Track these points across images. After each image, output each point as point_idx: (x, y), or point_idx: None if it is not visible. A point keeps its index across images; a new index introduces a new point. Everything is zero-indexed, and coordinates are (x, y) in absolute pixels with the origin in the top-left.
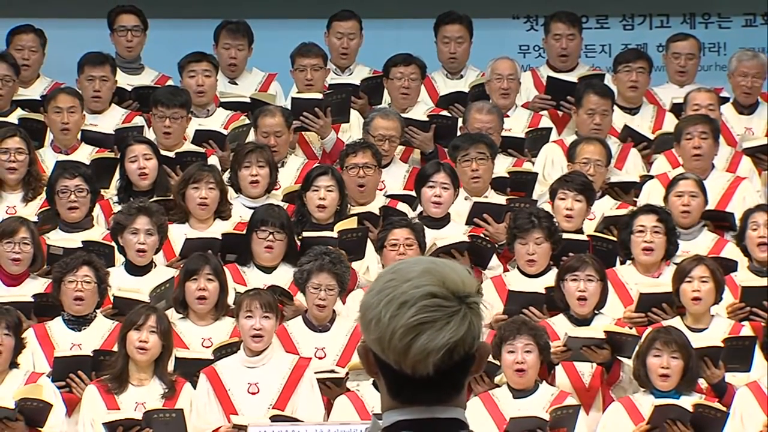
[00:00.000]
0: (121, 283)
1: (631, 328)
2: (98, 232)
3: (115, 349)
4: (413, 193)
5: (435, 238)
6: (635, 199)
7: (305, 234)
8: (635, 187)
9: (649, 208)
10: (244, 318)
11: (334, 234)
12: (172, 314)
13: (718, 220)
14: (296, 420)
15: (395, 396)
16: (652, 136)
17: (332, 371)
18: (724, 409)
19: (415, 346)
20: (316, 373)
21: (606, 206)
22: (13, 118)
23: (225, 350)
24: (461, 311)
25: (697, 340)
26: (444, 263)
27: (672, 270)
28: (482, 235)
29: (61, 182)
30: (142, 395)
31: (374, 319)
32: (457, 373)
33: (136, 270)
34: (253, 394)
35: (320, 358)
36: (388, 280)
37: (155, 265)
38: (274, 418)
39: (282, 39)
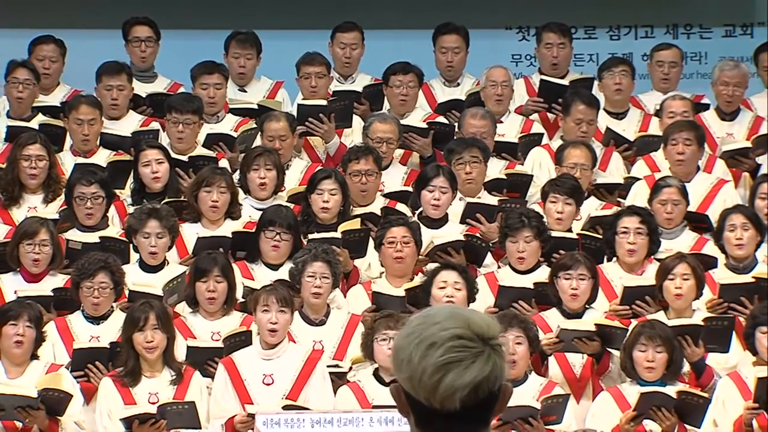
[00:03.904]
0: (135, 278)
1: (617, 320)
2: (113, 231)
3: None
4: (410, 189)
5: (432, 237)
6: (619, 199)
7: (311, 236)
8: (619, 188)
9: (632, 210)
10: (260, 312)
11: (338, 234)
12: (183, 308)
13: (697, 222)
14: (307, 409)
15: (424, 430)
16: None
17: (337, 365)
18: (706, 395)
19: (443, 384)
20: None
21: (591, 207)
22: (34, 123)
23: (234, 339)
24: (485, 352)
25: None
26: (469, 309)
27: (655, 267)
28: (478, 235)
29: (78, 188)
30: (155, 385)
31: (405, 360)
32: (482, 410)
33: (149, 267)
34: (268, 384)
35: (321, 351)
36: (417, 324)
37: (167, 263)
38: (286, 408)
39: (288, 49)
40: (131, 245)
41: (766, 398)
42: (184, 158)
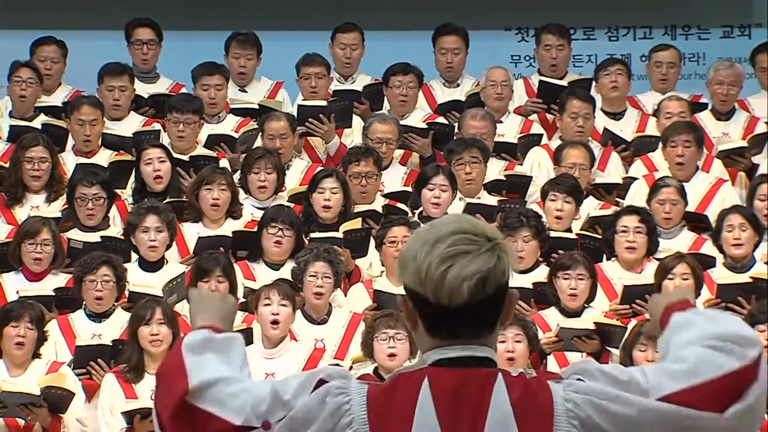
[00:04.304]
0: (135, 278)
1: (617, 320)
2: (114, 231)
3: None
4: (409, 189)
5: None
6: (618, 199)
7: (312, 235)
8: (617, 188)
9: (631, 210)
10: (262, 306)
11: (340, 234)
12: (183, 307)
13: (696, 222)
14: None
15: (434, 334)
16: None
17: (337, 365)
18: None
19: (450, 274)
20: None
21: (590, 206)
22: (37, 123)
23: None
24: (491, 247)
25: None
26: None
27: (654, 266)
28: None
29: (79, 189)
30: None
31: (411, 258)
32: (490, 308)
33: (149, 266)
34: None
35: (323, 350)
36: (423, 230)
37: (167, 262)
38: None
39: (289, 50)
40: (131, 245)
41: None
42: (185, 158)
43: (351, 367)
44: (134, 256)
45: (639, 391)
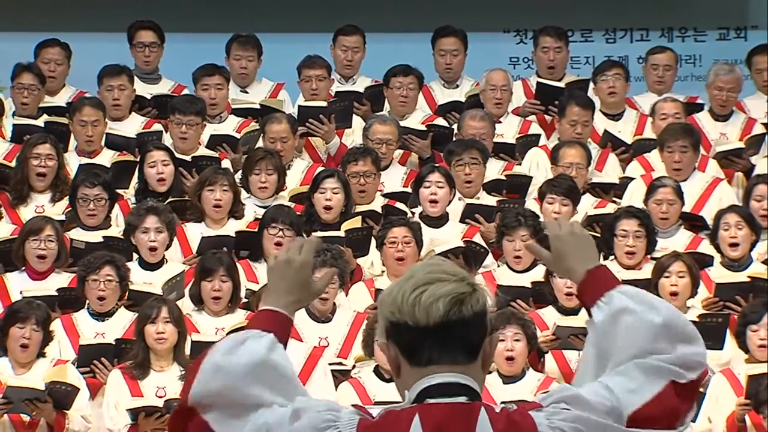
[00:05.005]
0: (135, 277)
1: None
2: (116, 231)
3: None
4: (409, 190)
5: (433, 237)
6: (615, 199)
7: (314, 234)
8: (615, 188)
9: (631, 213)
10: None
11: (341, 233)
12: (184, 304)
13: (693, 221)
14: None
15: (417, 362)
16: (631, 141)
17: (340, 363)
18: (701, 390)
19: (425, 295)
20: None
21: (586, 204)
22: (40, 122)
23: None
24: (462, 278)
25: None
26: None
27: (651, 265)
28: (476, 240)
29: (82, 190)
30: (163, 380)
31: (387, 294)
32: (471, 332)
33: (149, 265)
34: None
35: (323, 347)
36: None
37: (166, 261)
38: None
39: (289, 51)
40: (132, 245)
41: (756, 395)
42: (188, 158)
43: (354, 366)
44: (135, 256)
45: (617, 417)
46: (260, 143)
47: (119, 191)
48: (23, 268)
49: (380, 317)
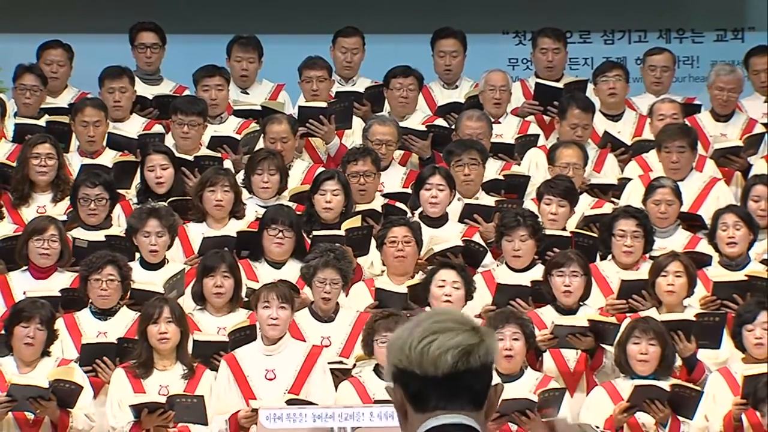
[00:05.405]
0: (136, 277)
1: (612, 316)
2: (118, 231)
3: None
4: (409, 190)
5: (432, 236)
6: (612, 199)
7: (315, 232)
8: (613, 188)
9: (629, 213)
10: (261, 308)
11: (342, 232)
12: (184, 302)
13: (691, 221)
14: (309, 403)
15: (423, 408)
16: (630, 142)
17: (341, 362)
18: (699, 389)
19: (433, 346)
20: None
21: (584, 203)
22: (41, 122)
23: (239, 333)
24: (473, 328)
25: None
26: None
27: (649, 264)
28: (475, 240)
29: (83, 190)
30: (166, 379)
31: (395, 338)
32: (478, 382)
33: (150, 265)
34: (270, 380)
35: (326, 347)
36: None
37: (167, 261)
38: (290, 402)
39: (290, 53)
40: (133, 245)
41: (754, 394)
42: (190, 158)
43: (354, 365)
44: (136, 255)
45: None
46: (260, 144)
47: (121, 191)
48: (26, 267)
49: (387, 362)
